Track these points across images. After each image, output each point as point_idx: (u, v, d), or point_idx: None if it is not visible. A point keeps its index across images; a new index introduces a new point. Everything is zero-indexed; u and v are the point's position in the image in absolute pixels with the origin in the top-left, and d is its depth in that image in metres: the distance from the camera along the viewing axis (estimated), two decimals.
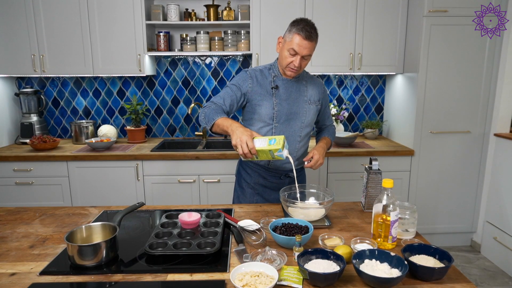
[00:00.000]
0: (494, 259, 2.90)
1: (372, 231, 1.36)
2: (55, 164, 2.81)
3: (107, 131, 3.21)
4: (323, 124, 2.06)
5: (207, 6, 3.04)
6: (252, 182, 1.93)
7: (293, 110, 1.82)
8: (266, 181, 1.92)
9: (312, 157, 1.75)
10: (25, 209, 1.73)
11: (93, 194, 2.87)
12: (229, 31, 3.04)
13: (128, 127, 3.23)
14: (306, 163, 1.76)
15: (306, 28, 1.65)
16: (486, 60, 2.82)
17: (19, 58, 2.95)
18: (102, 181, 2.86)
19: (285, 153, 1.48)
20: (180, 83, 3.38)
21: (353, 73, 3.27)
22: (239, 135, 1.46)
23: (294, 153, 1.86)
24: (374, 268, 1.11)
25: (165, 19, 3.06)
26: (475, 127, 2.93)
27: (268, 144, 1.46)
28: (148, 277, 1.14)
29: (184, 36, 3.10)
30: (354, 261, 1.13)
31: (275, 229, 1.36)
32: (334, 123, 3.31)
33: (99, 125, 3.41)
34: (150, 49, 3.04)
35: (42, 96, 3.30)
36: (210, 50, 3.09)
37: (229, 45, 3.05)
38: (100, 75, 3.23)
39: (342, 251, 1.19)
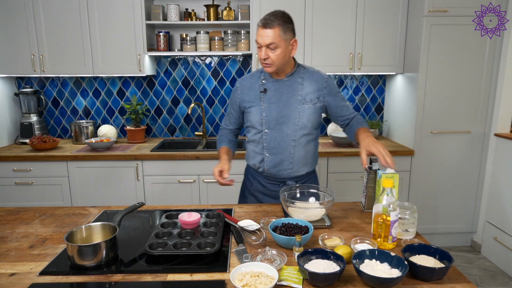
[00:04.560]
0: (494, 259, 2.90)
1: (372, 231, 1.36)
2: (55, 164, 2.81)
3: (107, 131, 3.21)
4: (346, 118, 1.81)
5: (207, 6, 3.03)
6: (252, 189, 1.90)
7: (283, 113, 1.71)
8: (265, 189, 1.86)
9: (371, 158, 1.54)
10: (25, 209, 1.73)
11: (93, 194, 2.87)
12: (229, 31, 3.04)
13: (128, 127, 3.23)
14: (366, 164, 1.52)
15: (265, 17, 1.60)
16: (486, 60, 2.82)
17: (19, 58, 2.95)
18: (102, 181, 2.85)
19: None
20: (180, 83, 3.38)
21: (353, 73, 3.27)
22: (214, 169, 1.71)
23: (289, 158, 1.76)
24: (374, 268, 1.11)
25: (165, 19, 3.06)
26: (475, 127, 2.93)
27: None
28: (148, 277, 1.14)
29: (184, 36, 3.10)
30: (354, 261, 1.13)
31: (275, 229, 1.36)
32: (331, 124, 3.32)
33: (99, 125, 3.41)
34: (150, 49, 3.04)
35: (41, 96, 3.30)
36: (210, 50, 3.09)
37: (229, 45, 3.05)
38: (100, 75, 3.23)
39: (342, 251, 1.19)
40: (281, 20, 1.58)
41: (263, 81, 1.75)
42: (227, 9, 3.03)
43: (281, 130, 1.73)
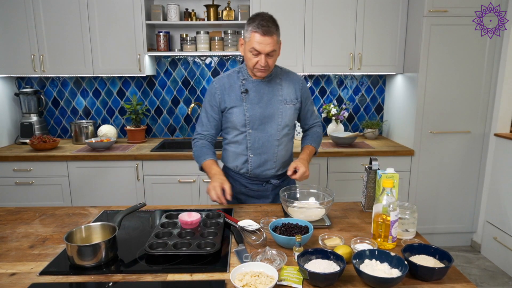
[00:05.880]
0: (494, 259, 2.90)
1: (372, 231, 1.36)
2: (55, 164, 2.81)
3: (107, 131, 3.21)
4: (306, 124, 1.93)
5: (207, 6, 3.04)
6: (234, 192, 1.82)
7: (267, 113, 1.72)
8: (248, 190, 1.85)
9: (296, 170, 1.66)
10: (25, 209, 1.73)
11: (93, 194, 2.87)
12: (229, 31, 3.04)
13: (128, 127, 3.23)
14: (289, 172, 1.67)
15: (262, 23, 1.56)
16: (486, 60, 2.82)
17: (19, 58, 2.95)
18: (102, 181, 2.85)
19: None
20: (180, 83, 3.38)
21: (353, 73, 3.27)
22: (213, 183, 1.58)
23: (273, 158, 1.78)
24: (374, 268, 1.11)
25: (165, 19, 3.06)
26: (475, 127, 2.93)
27: None
28: (148, 277, 1.14)
29: (184, 36, 3.10)
30: (354, 261, 1.13)
31: (275, 229, 1.36)
32: (331, 124, 3.33)
33: (99, 125, 3.41)
34: (150, 49, 3.04)
35: (42, 96, 3.30)
36: (210, 50, 3.09)
37: (229, 45, 3.05)
38: (100, 75, 3.23)
39: (342, 251, 1.19)
40: (276, 25, 1.61)
41: (243, 82, 1.73)
42: (227, 9, 3.03)
43: (265, 130, 1.74)
